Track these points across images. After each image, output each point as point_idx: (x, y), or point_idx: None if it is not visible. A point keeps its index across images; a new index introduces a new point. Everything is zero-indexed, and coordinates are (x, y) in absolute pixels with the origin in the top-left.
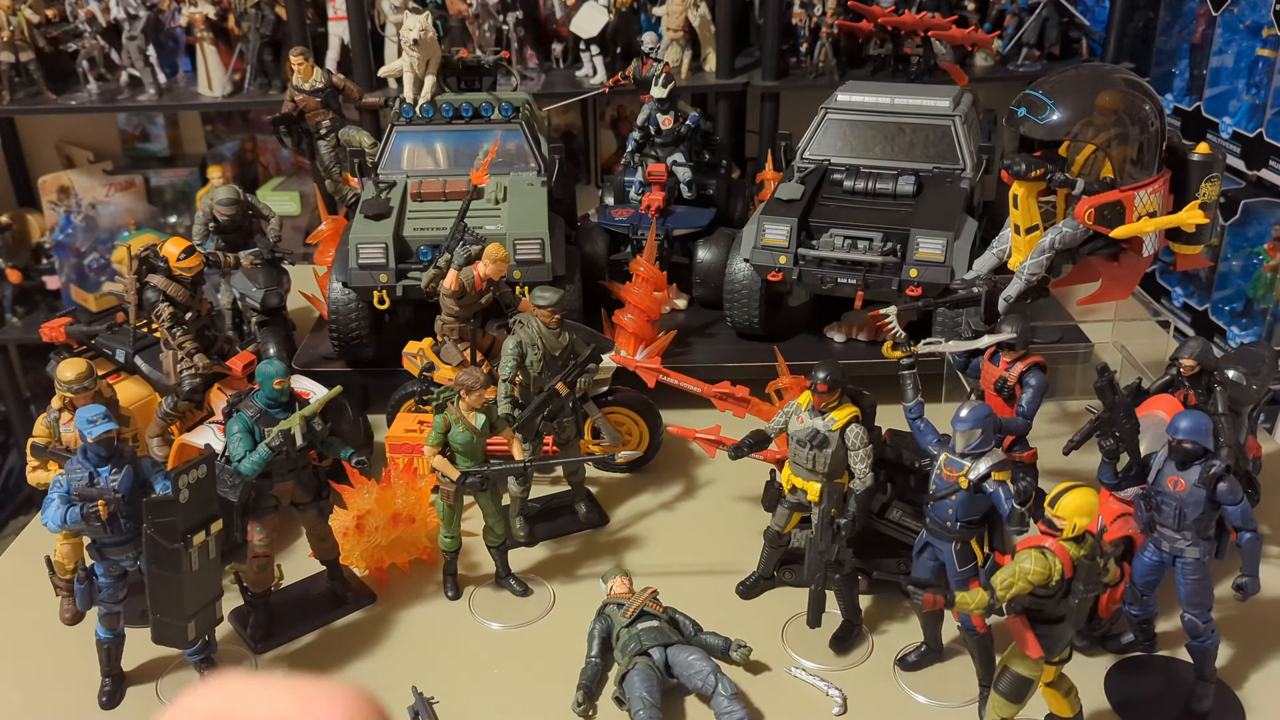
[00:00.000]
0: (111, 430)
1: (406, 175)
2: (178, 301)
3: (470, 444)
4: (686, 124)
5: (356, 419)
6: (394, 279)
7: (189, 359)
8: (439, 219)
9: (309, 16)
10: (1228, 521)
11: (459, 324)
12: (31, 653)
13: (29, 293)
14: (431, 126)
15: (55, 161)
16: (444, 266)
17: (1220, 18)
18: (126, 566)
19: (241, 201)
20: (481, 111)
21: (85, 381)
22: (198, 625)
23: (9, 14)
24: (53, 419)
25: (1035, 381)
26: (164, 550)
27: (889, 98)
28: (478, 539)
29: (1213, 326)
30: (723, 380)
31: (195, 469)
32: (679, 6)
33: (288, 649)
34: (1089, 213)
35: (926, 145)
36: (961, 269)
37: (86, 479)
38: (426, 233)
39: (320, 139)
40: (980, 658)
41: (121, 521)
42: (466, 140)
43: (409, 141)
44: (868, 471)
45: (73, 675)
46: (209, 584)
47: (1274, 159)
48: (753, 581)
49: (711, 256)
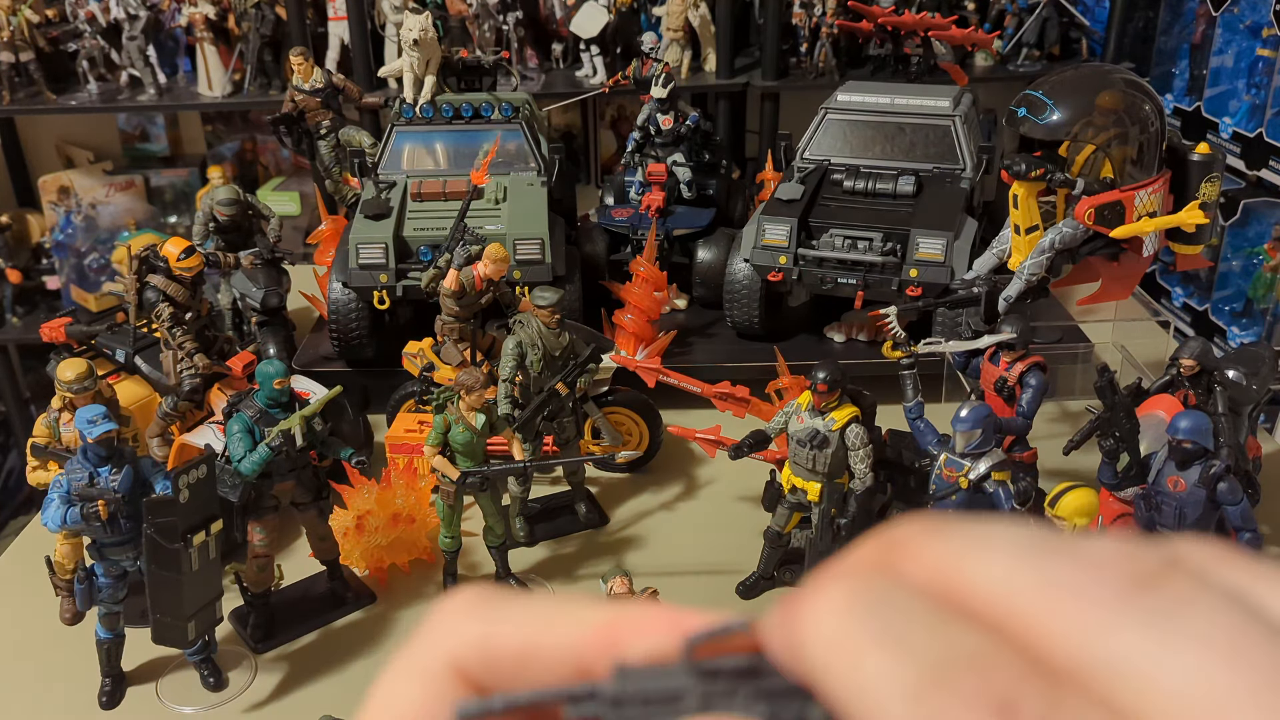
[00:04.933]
0: (111, 430)
1: (406, 175)
2: (178, 302)
3: (470, 444)
4: (686, 124)
5: (356, 419)
6: (394, 279)
7: (189, 359)
8: (439, 219)
9: (309, 16)
10: (1228, 522)
11: (459, 324)
12: (31, 653)
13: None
14: (431, 127)
15: (55, 161)
16: (444, 266)
17: (1220, 18)
18: (126, 566)
19: (241, 201)
20: (481, 112)
21: (85, 381)
22: (198, 625)
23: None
24: (52, 419)
25: (1035, 382)
26: (164, 550)
27: (889, 98)
28: (478, 539)
29: (1213, 326)
30: (723, 380)
31: (195, 469)
32: (679, 6)
33: (288, 649)
34: (1089, 213)
35: (926, 145)
36: (961, 269)
37: (86, 479)
38: (426, 233)
39: (320, 139)
40: None
41: (121, 521)
42: (466, 140)
43: (409, 141)
44: (868, 471)
45: (73, 675)
46: (209, 584)
47: (1274, 159)
48: (753, 582)
49: (711, 256)
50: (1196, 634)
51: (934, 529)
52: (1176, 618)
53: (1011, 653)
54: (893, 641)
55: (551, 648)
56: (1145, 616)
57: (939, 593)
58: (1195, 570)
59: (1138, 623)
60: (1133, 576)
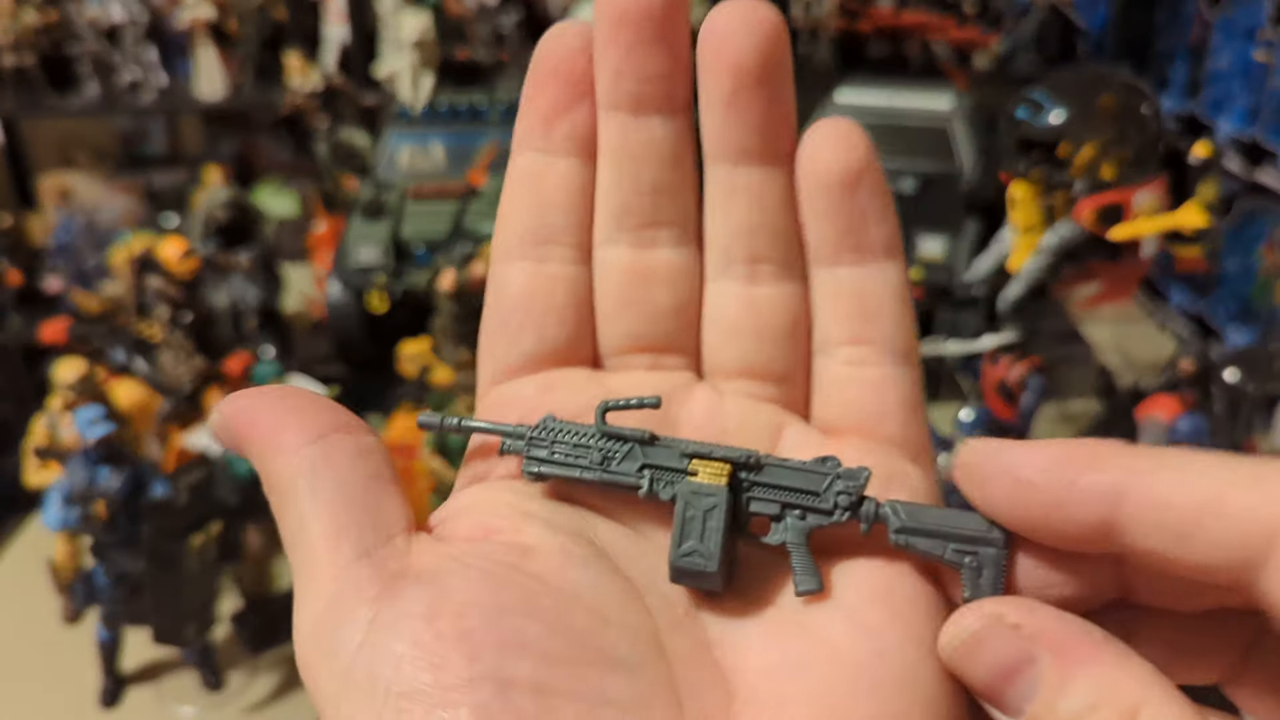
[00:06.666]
0: (111, 431)
1: (404, 176)
2: (176, 303)
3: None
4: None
5: None
6: (392, 280)
7: (187, 360)
8: (437, 220)
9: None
10: None
11: (457, 325)
12: (31, 653)
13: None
14: (429, 127)
15: (55, 163)
16: (442, 267)
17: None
18: (126, 567)
19: (240, 203)
20: (480, 112)
21: (85, 382)
22: (197, 625)
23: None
24: (51, 420)
25: (1035, 384)
26: (164, 551)
27: (889, 98)
28: None
29: (1212, 328)
30: None
31: (194, 471)
32: None
33: (288, 649)
34: (1088, 214)
35: (926, 145)
36: (962, 269)
37: (86, 480)
38: (424, 234)
39: (318, 140)
40: None
41: (121, 522)
42: (465, 141)
43: (407, 142)
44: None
45: (73, 675)
46: (208, 585)
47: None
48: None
49: None
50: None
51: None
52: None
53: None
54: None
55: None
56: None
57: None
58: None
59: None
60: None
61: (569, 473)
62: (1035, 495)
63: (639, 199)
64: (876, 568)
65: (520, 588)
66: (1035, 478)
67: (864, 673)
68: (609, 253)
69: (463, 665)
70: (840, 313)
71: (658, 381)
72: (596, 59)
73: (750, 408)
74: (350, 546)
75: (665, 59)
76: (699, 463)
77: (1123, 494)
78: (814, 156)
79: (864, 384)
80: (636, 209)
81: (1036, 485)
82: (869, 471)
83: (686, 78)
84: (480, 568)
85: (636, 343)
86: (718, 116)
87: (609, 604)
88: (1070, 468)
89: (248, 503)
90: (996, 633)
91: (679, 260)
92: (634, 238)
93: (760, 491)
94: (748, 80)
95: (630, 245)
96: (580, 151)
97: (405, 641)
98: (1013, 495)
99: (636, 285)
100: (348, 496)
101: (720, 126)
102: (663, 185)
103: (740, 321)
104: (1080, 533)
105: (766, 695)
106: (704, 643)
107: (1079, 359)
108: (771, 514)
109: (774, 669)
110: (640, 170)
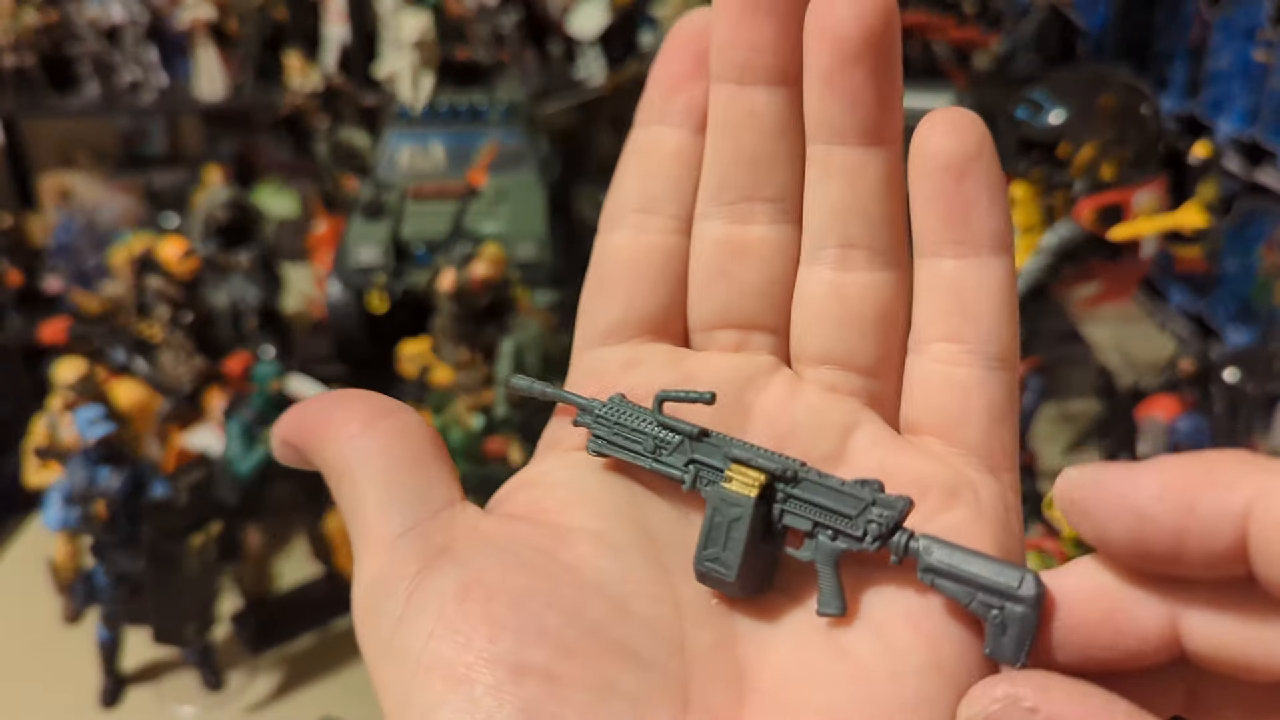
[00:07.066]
0: (111, 431)
1: (404, 176)
2: (176, 302)
3: (467, 446)
4: None
5: None
6: (391, 280)
7: (187, 360)
8: (437, 220)
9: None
10: None
11: (457, 325)
12: (31, 653)
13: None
14: (429, 127)
15: (55, 163)
16: (442, 267)
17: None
18: (126, 567)
19: (240, 203)
20: (480, 112)
21: (85, 382)
22: (197, 625)
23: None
24: (51, 420)
25: (1036, 383)
26: (164, 550)
27: None
28: None
29: (1212, 328)
30: None
31: (194, 471)
32: (679, 6)
33: (288, 649)
34: (1088, 214)
35: None
36: None
37: (86, 480)
38: (424, 234)
39: (318, 140)
40: None
41: (121, 522)
42: (465, 141)
43: (407, 142)
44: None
45: (73, 675)
46: (208, 585)
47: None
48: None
49: None
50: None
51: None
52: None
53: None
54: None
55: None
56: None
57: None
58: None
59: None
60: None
61: (625, 455)
62: (1153, 529)
63: (737, 170)
64: (915, 592)
65: (547, 576)
66: (1149, 507)
67: (880, 694)
68: (706, 226)
69: (485, 645)
70: (936, 307)
71: (738, 365)
72: (712, 34)
73: (827, 401)
74: (400, 519)
75: (772, 29)
76: (736, 469)
77: (1249, 515)
78: (924, 142)
79: (951, 385)
80: (734, 182)
81: (1152, 517)
82: (908, 502)
83: (796, 51)
84: (514, 552)
85: (726, 318)
86: (816, 92)
87: (634, 595)
88: (1188, 490)
89: (248, 503)
90: (1013, 717)
91: (775, 236)
92: (731, 211)
93: (795, 505)
94: (847, 55)
95: (726, 219)
96: (693, 125)
97: (434, 618)
98: (1133, 531)
99: (729, 259)
100: (395, 473)
101: (818, 102)
102: (762, 158)
103: (826, 307)
104: (1209, 561)
105: (776, 703)
106: (730, 637)
107: (1079, 359)
108: (804, 529)
109: (791, 678)
110: (740, 141)
